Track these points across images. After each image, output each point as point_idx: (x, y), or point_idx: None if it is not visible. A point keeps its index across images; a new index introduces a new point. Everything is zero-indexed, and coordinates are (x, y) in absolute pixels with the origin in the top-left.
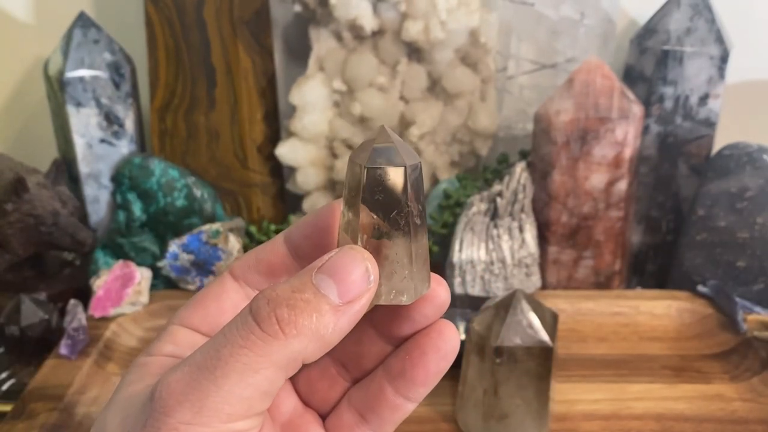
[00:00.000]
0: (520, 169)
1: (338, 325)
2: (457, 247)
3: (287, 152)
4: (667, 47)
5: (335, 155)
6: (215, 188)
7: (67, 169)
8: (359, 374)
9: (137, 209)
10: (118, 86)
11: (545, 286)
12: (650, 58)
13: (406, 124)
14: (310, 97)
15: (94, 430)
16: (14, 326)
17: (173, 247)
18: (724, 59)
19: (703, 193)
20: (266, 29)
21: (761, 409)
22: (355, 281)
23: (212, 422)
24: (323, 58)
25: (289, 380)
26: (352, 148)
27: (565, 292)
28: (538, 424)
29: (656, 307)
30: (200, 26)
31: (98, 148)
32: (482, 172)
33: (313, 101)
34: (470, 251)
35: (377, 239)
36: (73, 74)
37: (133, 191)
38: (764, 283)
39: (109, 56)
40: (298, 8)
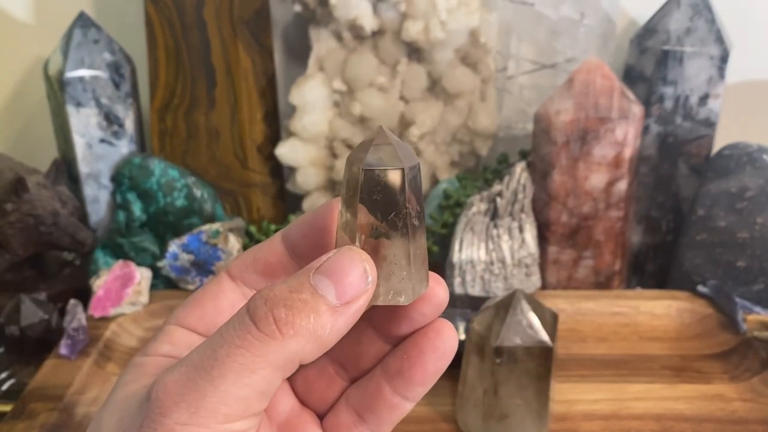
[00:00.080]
0: (520, 169)
1: (336, 325)
2: (457, 247)
3: (287, 152)
4: (667, 47)
5: (335, 155)
6: (215, 188)
7: (67, 169)
8: (357, 374)
9: (137, 209)
10: (118, 86)
11: (545, 286)
12: (650, 58)
13: (406, 124)
14: (310, 97)
15: (90, 430)
16: (14, 326)
17: (173, 247)
18: (724, 59)
19: (703, 193)
20: (266, 29)
21: (761, 409)
22: (353, 282)
23: (209, 422)
24: (323, 58)
25: (286, 380)
26: (352, 148)
27: (565, 292)
28: (538, 424)
29: (656, 307)
30: (200, 26)
31: (98, 148)
32: (482, 172)
33: (313, 101)
34: (470, 251)
35: (375, 239)
36: (73, 74)
37: (133, 191)
38: (764, 283)
39: (109, 56)
40: (298, 8)
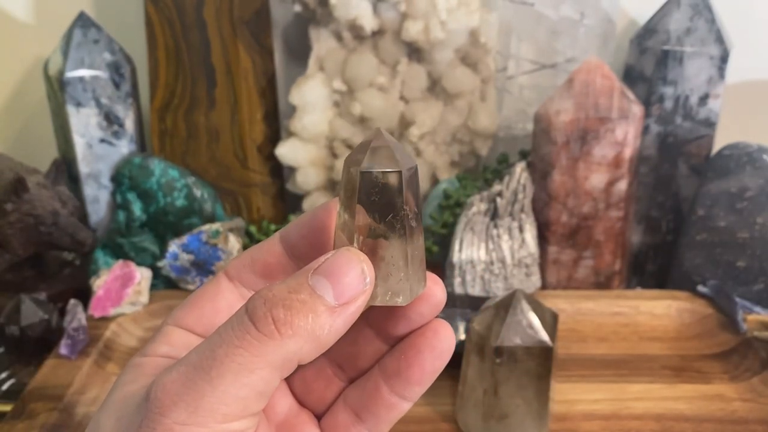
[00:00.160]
0: (520, 169)
1: (334, 326)
2: (457, 247)
3: (287, 152)
4: (667, 47)
5: (335, 155)
6: (215, 188)
7: (67, 169)
8: (355, 374)
9: (137, 209)
10: (118, 86)
11: (545, 286)
12: (650, 58)
13: (406, 124)
14: (310, 97)
15: (89, 430)
16: (14, 326)
17: (173, 247)
18: (724, 59)
19: (703, 193)
20: (266, 29)
21: (761, 409)
22: (351, 283)
23: (208, 422)
24: (323, 58)
25: (284, 381)
26: (352, 148)
27: (565, 292)
28: (538, 424)
29: (656, 307)
30: (200, 26)
31: (98, 148)
32: (482, 172)
33: (313, 101)
34: (470, 251)
35: (373, 240)
36: (73, 74)
37: (133, 191)
38: (764, 283)
39: (109, 56)
40: (298, 8)
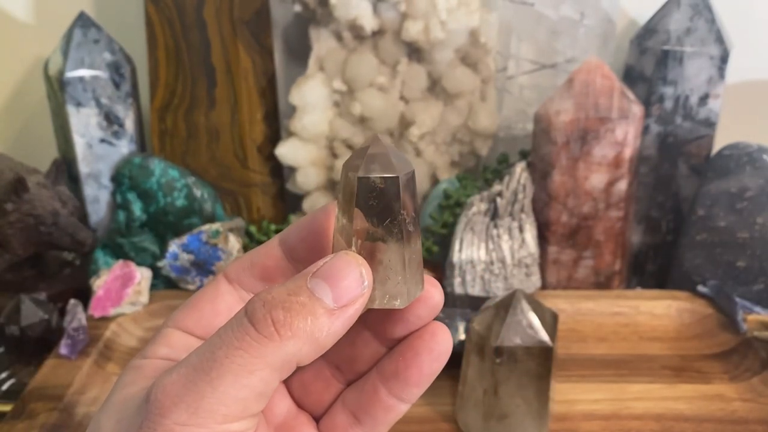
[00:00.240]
0: (520, 169)
1: (332, 328)
2: (457, 247)
3: (287, 152)
4: (667, 47)
5: (335, 155)
6: (215, 188)
7: (67, 169)
8: (353, 376)
9: (137, 209)
10: (118, 86)
11: (545, 286)
12: (650, 58)
13: (406, 124)
14: (310, 97)
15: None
16: (14, 326)
17: (173, 247)
18: (724, 59)
19: (703, 193)
20: (266, 29)
21: (761, 409)
22: (349, 286)
23: (208, 423)
24: (323, 58)
25: (283, 383)
26: (352, 148)
27: (565, 292)
28: (538, 424)
29: (656, 307)
30: (200, 26)
31: (98, 148)
32: (482, 172)
33: (313, 101)
34: (470, 251)
35: (371, 244)
36: (73, 74)
37: (133, 191)
38: (764, 283)
39: (109, 56)
40: (298, 8)
